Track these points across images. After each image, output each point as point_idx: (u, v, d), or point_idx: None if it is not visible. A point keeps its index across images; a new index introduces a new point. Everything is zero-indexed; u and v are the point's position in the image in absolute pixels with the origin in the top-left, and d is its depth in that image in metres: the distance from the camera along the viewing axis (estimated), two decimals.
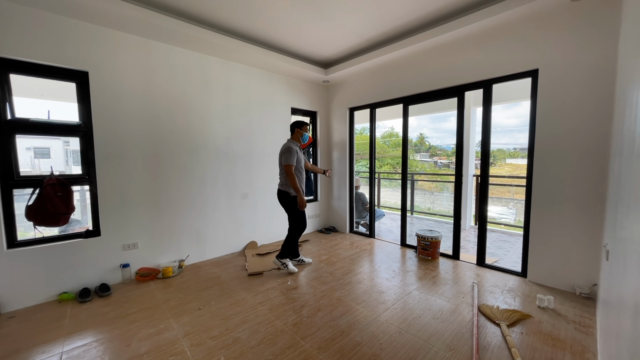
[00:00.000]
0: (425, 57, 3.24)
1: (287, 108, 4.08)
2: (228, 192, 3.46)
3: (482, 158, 2.93)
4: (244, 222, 3.65)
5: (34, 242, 2.36)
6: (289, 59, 3.53)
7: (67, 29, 2.36)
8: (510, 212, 8.35)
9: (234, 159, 3.50)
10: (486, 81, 2.85)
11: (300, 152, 2.94)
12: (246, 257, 3.36)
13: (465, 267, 2.98)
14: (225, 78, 3.35)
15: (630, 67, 1.24)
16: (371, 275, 2.83)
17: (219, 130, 3.34)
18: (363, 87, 4.02)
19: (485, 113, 2.89)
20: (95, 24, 2.47)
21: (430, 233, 3.26)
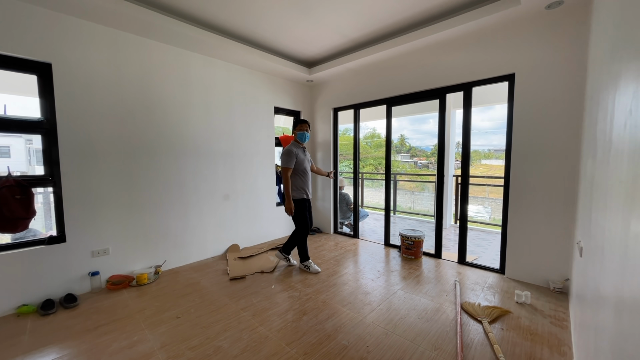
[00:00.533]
0: (408, 59, 3.28)
1: (270, 107, 3.99)
2: (208, 193, 3.33)
3: (463, 158, 3.01)
4: (225, 225, 3.52)
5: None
6: (272, 57, 3.45)
7: (28, 17, 2.15)
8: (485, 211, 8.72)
9: (215, 159, 3.36)
10: (466, 84, 2.93)
11: (302, 154, 2.89)
12: (228, 260, 3.24)
13: (447, 266, 3.04)
14: (205, 75, 3.22)
15: (604, 72, 1.29)
16: (356, 276, 2.82)
17: (199, 129, 3.20)
18: (347, 88, 4.02)
19: (465, 115, 2.97)
20: (59, 12, 2.27)
21: (413, 233, 3.31)
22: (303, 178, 2.88)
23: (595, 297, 1.17)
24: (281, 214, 4.22)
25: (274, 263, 3.16)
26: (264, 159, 3.93)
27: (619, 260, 0.82)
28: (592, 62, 1.85)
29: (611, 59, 1.16)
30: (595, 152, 1.43)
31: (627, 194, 0.78)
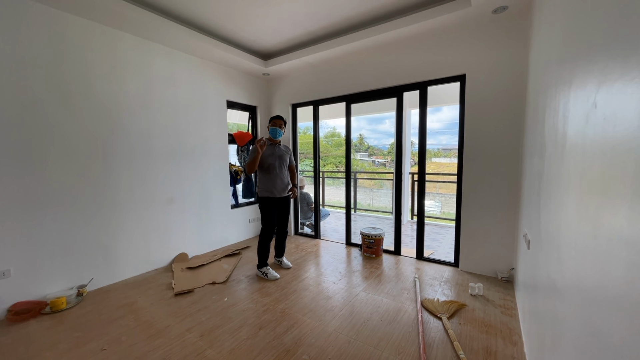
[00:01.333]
0: (367, 55, 3.24)
1: (223, 101, 3.65)
2: (148, 196, 2.89)
3: (419, 156, 3.07)
4: (170, 232, 3.11)
5: None
6: (223, 45, 3.13)
7: None
8: (436, 205, 9.34)
9: (156, 158, 2.94)
10: (422, 83, 2.98)
11: (269, 150, 2.73)
12: (173, 272, 2.86)
13: (406, 262, 3.08)
14: (141, 60, 2.78)
15: (552, 70, 1.33)
16: (317, 279, 2.69)
17: (135, 123, 2.75)
18: (306, 83, 3.86)
19: (421, 114, 3.02)
20: None
21: (374, 231, 3.29)
22: (268, 175, 2.70)
23: (548, 286, 1.18)
24: (237, 216, 3.91)
25: (228, 271, 2.87)
26: (216, 158, 3.58)
27: (576, 248, 0.80)
28: (534, 62, 1.96)
29: (560, 57, 1.18)
30: (543, 149, 1.48)
31: (592, 187, 0.76)
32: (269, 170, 2.72)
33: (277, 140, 2.82)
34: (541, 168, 1.50)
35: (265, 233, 2.75)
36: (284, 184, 2.79)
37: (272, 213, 2.74)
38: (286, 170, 2.85)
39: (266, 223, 2.74)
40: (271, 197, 2.72)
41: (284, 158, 2.82)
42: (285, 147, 2.92)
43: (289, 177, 2.88)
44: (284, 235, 3.00)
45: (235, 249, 3.56)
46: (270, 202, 2.73)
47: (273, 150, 2.77)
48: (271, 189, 2.71)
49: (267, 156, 2.70)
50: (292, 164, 2.96)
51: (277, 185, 2.73)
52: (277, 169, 2.74)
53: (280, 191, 2.75)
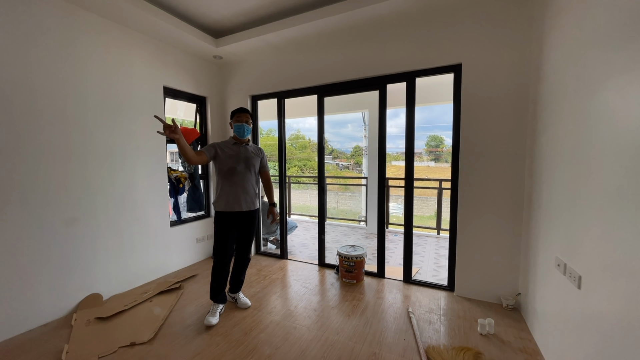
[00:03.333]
0: (346, 37, 2.68)
1: (158, 87, 2.78)
2: (33, 216, 1.95)
3: (407, 158, 2.58)
4: (72, 266, 2.17)
5: None
6: (151, 8, 2.31)
7: None
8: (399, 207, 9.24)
9: (45, 160, 2.00)
10: (409, 73, 2.50)
11: (233, 151, 2.07)
12: (72, 329, 1.95)
13: (393, 288, 2.55)
14: (18, 16, 1.85)
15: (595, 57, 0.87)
16: (285, 324, 2.01)
17: (4, 108, 1.80)
18: (268, 70, 3.17)
19: (408, 110, 2.54)
20: None
21: (354, 251, 2.72)
22: (227, 182, 2.04)
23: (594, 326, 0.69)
24: (180, 235, 3.05)
25: (159, 320, 2.05)
26: (148, 161, 2.70)
27: None
28: (557, 48, 1.55)
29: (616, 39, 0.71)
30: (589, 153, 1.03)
31: None
32: (229, 176, 2.04)
33: (245, 140, 2.14)
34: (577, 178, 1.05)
35: (217, 261, 2.07)
36: (249, 195, 2.11)
37: (228, 233, 2.06)
38: (254, 177, 2.16)
39: (218, 246, 2.06)
40: (230, 212, 2.03)
41: (252, 162, 2.13)
42: (256, 148, 2.24)
43: (257, 186, 2.20)
44: (244, 264, 2.26)
45: (176, 280, 2.71)
46: (228, 219, 2.05)
47: (237, 150, 2.09)
48: (229, 201, 2.03)
49: (227, 157, 2.04)
50: (266, 169, 2.27)
51: (238, 195, 2.05)
52: (241, 174, 2.06)
53: (243, 203, 2.07)
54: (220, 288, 2.11)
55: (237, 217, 2.07)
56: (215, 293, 2.11)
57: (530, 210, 1.99)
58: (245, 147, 2.14)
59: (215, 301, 2.11)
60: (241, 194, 2.06)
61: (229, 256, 2.10)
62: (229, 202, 2.03)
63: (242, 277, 2.28)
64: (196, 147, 3.26)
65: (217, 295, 2.11)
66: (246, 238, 2.20)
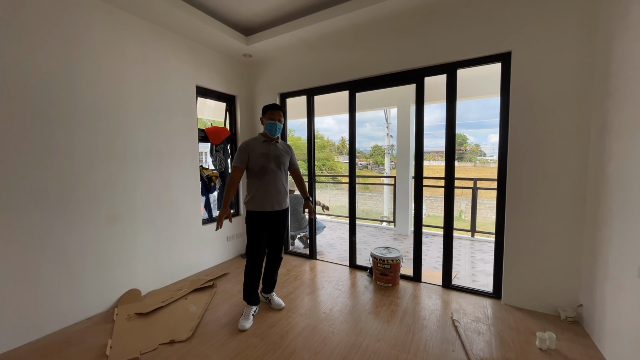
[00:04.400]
0: (378, 29, 2.56)
1: (191, 86, 2.82)
2: (78, 214, 2.01)
3: (447, 156, 2.42)
4: (113, 262, 2.23)
5: None
6: (187, 7, 2.32)
7: None
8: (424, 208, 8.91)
9: (89, 161, 2.07)
10: (450, 65, 2.34)
11: (264, 149, 2.02)
12: (115, 322, 2.00)
13: (432, 293, 2.40)
14: (62, 21, 1.91)
15: None
16: (322, 328, 1.94)
17: (49, 109, 1.87)
18: (298, 67, 3.12)
19: (449, 103, 2.38)
20: None
21: (389, 253, 2.60)
22: (259, 181, 2.00)
23: None
24: (212, 233, 3.07)
25: (195, 318, 2.05)
26: (182, 160, 2.74)
27: None
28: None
29: None
30: None
31: None
32: (260, 175, 2.00)
33: (275, 137, 2.10)
34: None
35: (250, 261, 2.04)
36: (281, 194, 2.06)
37: (261, 233, 2.02)
38: (284, 176, 2.12)
39: (251, 246, 2.03)
40: (261, 212, 2.00)
41: (282, 159, 2.08)
42: (285, 145, 2.18)
43: (287, 184, 2.14)
44: (277, 263, 2.21)
45: (209, 278, 2.72)
46: (260, 218, 2.01)
47: (268, 148, 2.04)
48: (262, 201, 1.99)
49: (258, 156, 1.99)
50: (296, 167, 2.22)
51: (271, 195, 2.01)
52: (272, 173, 2.02)
53: (275, 203, 2.03)
54: (254, 288, 2.08)
55: (269, 216, 2.04)
56: (248, 294, 2.08)
57: (598, 208, 1.77)
58: (275, 145, 2.09)
59: (249, 303, 2.09)
60: (273, 193, 2.02)
61: (262, 256, 2.07)
62: (261, 202, 2.00)
63: (274, 276, 2.24)
64: (226, 145, 3.28)
65: (251, 296, 2.09)
66: (278, 237, 2.15)
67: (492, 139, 51.89)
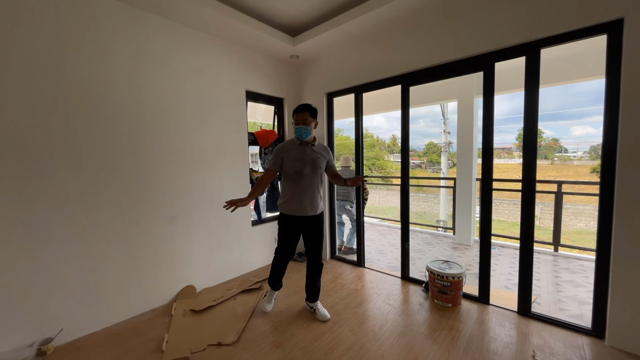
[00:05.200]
0: (435, 14, 2.25)
1: (241, 91, 2.90)
2: (141, 214, 2.21)
3: (526, 154, 1.99)
4: (172, 259, 2.40)
5: None
6: (238, 14, 2.36)
7: None
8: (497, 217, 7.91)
9: (152, 164, 2.25)
10: (530, 44, 1.92)
11: (298, 153, 1.97)
12: (172, 317, 2.13)
13: (505, 321, 2.01)
14: (132, 37, 2.10)
15: None
16: (371, 349, 1.75)
17: (122, 119, 2.07)
18: (345, 64, 2.97)
19: (530, 91, 1.95)
20: None
21: (449, 268, 2.27)
22: (293, 185, 1.98)
23: None
24: (260, 235, 3.13)
25: (242, 321, 2.06)
26: (233, 162, 2.83)
27: None
28: None
29: None
30: None
31: None
32: (295, 179, 1.96)
33: (309, 140, 2.02)
34: None
35: (277, 259, 2.14)
36: (315, 200, 2.02)
37: (291, 236, 2.05)
38: (320, 180, 2.06)
39: (280, 246, 2.10)
40: (291, 216, 2.00)
41: (318, 163, 2.01)
42: (322, 147, 2.11)
43: (322, 188, 2.10)
44: (317, 270, 2.14)
45: (257, 280, 2.76)
46: (292, 222, 2.02)
47: (303, 152, 1.98)
48: (296, 206, 1.98)
49: (293, 160, 1.95)
50: (333, 169, 2.14)
51: (305, 200, 1.97)
52: (307, 177, 1.96)
53: (309, 209, 1.99)
54: (278, 278, 2.20)
55: (302, 221, 2.01)
56: (273, 282, 2.21)
57: None
58: (311, 148, 2.01)
59: (273, 288, 2.23)
60: (308, 198, 1.98)
61: (289, 257, 2.13)
62: (295, 207, 1.98)
63: (317, 284, 2.15)
64: (274, 148, 3.31)
65: (275, 284, 2.21)
66: (314, 243, 2.08)
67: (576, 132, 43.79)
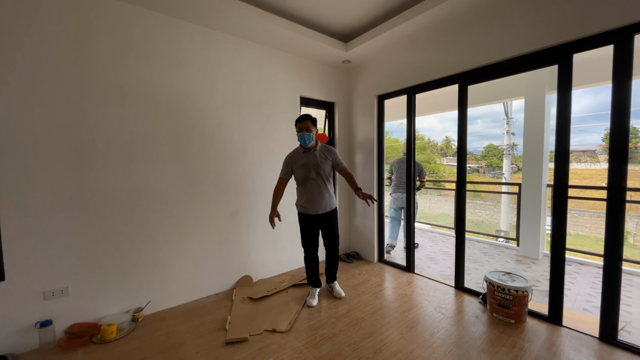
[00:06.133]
0: (497, 7, 2.11)
1: (296, 97, 3.09)
2: (211, 209, 2.51)
3: (613, 156, 1.74)
4: (233, 250, 2.67)
5: None
6: (296, 26, 2.54)
7: None
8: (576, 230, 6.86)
9: (220, 165, 2.54)
10: (618, 31, 1.67)
11: (303, 159, 2.28)
12: (233, 302, 2.37)
13: (582, 347, 1.77)
14: (205, 54, 2.43)
15: None
16: (419, 355, 1.71)
17: (198, 124, 2.40)
18: (398, 65, 2.94)
19: (620, 82, 1.70)
20: None
21: (511, 280, 2.08)
22: (303, 188, 2.33)
23: None
24: None
25: (293, 313, 2.20)
26: None
27: None
28: None
29: None
30: None
31: None
32: (304, 183, 2.31)
33: (311, 146, 2.28)
34: None
35: (306, 252, 2.45)
36: (324, 199, 2.30)
37: (308, 230, 2.37)
38: (326, 181, 2.32)
39: (303, 240, 2.42)
40: (305, 214, 2.35)
41: (322, 167, 2.28)
42: (325, 149, 2.35)
43: (332, 188, 2.37)
44: (334, 259, 2.50)
45: (305, 275, 2.89)
46: (307, 219, 2.36)
47: (307, 159, 2.27)
48: (307, 206, 2.31)
49: (300, 167, 2.28)
50: (341, 166, 2.34)
51: (314, 201, 2.28)
52: (313, 181, 2.27)
53: (318, 208, 2.29)
54: (314, 274, 2.47)
55: (316, 219, 2.33)
56: (311, 279, 2.49)
57: None
58: (313, 154, 2.28)
59: (313, 286, 2.49)
60: (316, 199, 2.27)
61: (314, 247, 2.41)
62: (306, 206, 2.30)
63: (334, 270, 2.53)
64: None
65: (313, 281, 2.48)
66: (329, 236, 2.38)
67: None
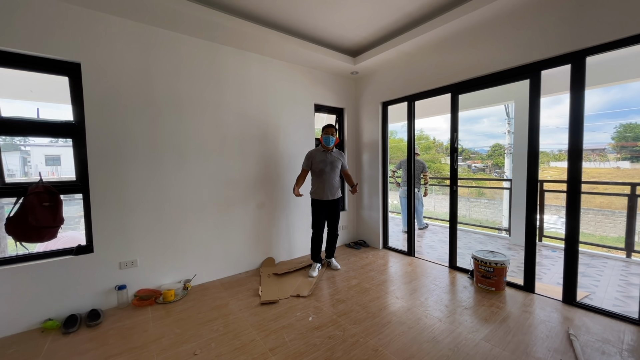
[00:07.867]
0: (483, 29, 2.55)
1: (310, 104, 3.56)
2: (242, 201, 3.01)
3: (571, 156, 2.17)
4: (260, 236, 3.16)
5: (17, 259, 2.04)
6: (312, 46, 3.02)
7: (56, 15, 2.04)
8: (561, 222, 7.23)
9: (250, 164, 3.04)
10: (576, 53, 2.11)
11: (322, 156, 2.91)
12: (261, 277, 2.86)
13: (546, 306, 2.21)
14: (239, 71, 2.92)
15: None
16: (416, 311, 2.18)
17: (232, 130, 2.90)
18: (399, 77, 3.40)
19: (575, 99, 2.13)
20: (87, 8, 2.13)
21: (493, 256, 2.52)
22: (318, 179, 2.93)
23: None
24: None
25: (312, 284, 2.68)
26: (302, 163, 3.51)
27: None
28: None
29: None
30: None
31: None
32: (319, 175, 2.90)
33: (330, 147, 2.91)
34: None
35: (314, 232, 3.00)
36: (334, 188, 2.94)
37: (320, 213, 2.94)
38: (337, 175, 2.97)
39: (314, 222, 2.98)
40: (318, 200, 2.92)
41: (336, 164, 2.95)
42: (339, 153, 3.03)
43: (339, 181, 3.01)
44: (334, 237, 3.12)
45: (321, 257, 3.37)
46: (319, 204, 2.93)
47: (325, 156, 2.91)
48: (320, 193, 2.90)
49: (319, 162, 2.89)
50: (345, 168, 3.09)
51: (326, 189, 2.90)
52: (327, 174, 2.89)
53: (329, 194, 2.91)
54: (317, 251, 3.02)
55: (326, 203, 2.94)
56: (314, 255, 3.03)
57: None
58: (330, 154, 2.93)
59: (315, 261, 3.02)
60: (328, 188, 2.90)
61: (322, 228, 3.00)
62: (320, 193, 2.91)
63: (333, 247, 3.16)
64: None
65: (316, 257, 3.03)
66: (333, 218, 3.02)
67: None
